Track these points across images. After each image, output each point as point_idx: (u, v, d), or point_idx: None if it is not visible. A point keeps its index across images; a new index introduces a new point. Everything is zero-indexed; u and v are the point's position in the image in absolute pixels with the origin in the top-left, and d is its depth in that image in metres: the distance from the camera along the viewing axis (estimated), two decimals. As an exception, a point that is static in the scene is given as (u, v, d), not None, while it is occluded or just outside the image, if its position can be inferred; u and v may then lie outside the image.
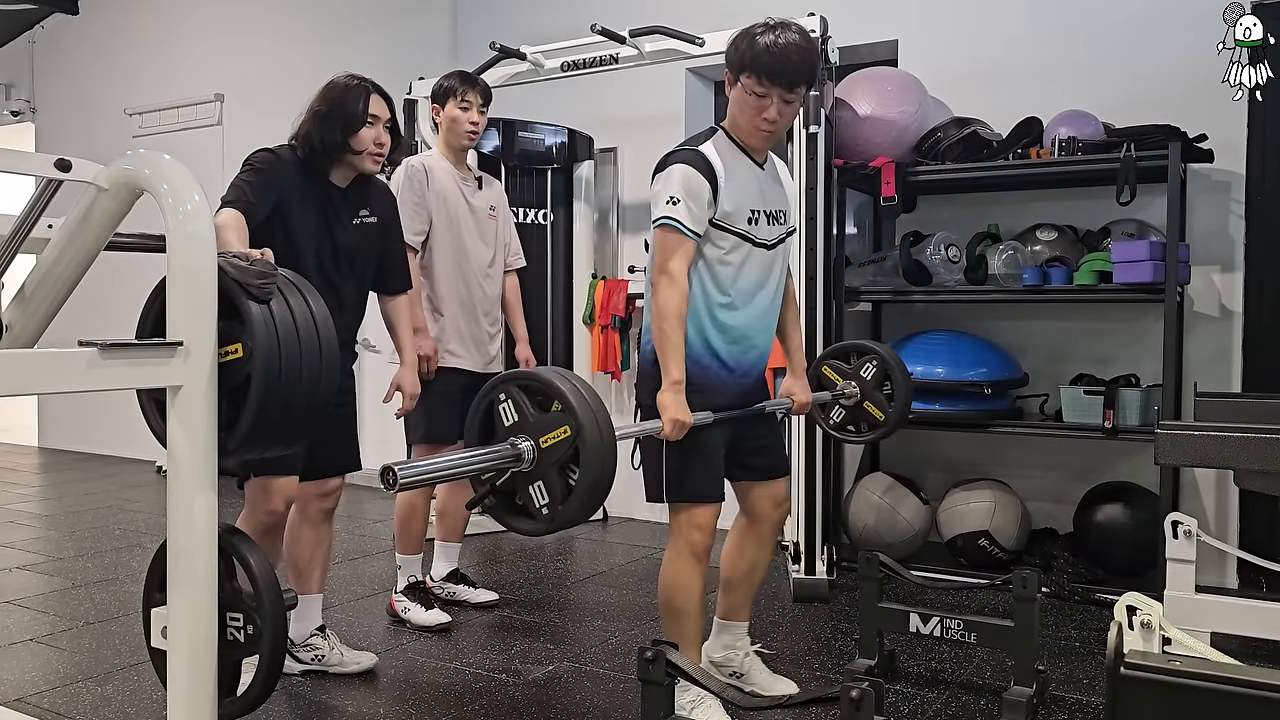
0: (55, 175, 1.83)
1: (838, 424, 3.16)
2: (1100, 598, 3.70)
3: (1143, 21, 4.11)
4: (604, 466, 1.86)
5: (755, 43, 2.42)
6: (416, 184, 3.48)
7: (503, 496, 1.96)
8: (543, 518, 1.90)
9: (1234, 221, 3.98)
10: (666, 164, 2.47)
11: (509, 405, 1.93)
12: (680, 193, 2.40)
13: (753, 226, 2.53)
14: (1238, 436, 2.58)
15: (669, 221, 2.41)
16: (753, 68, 2.41)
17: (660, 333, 2.40)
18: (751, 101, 2.45)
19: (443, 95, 3.58)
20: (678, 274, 2.40)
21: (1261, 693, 1.27)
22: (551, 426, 1.87)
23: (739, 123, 2.52)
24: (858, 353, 3.12)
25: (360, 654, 3.09)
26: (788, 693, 2.81)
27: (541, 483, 1.89)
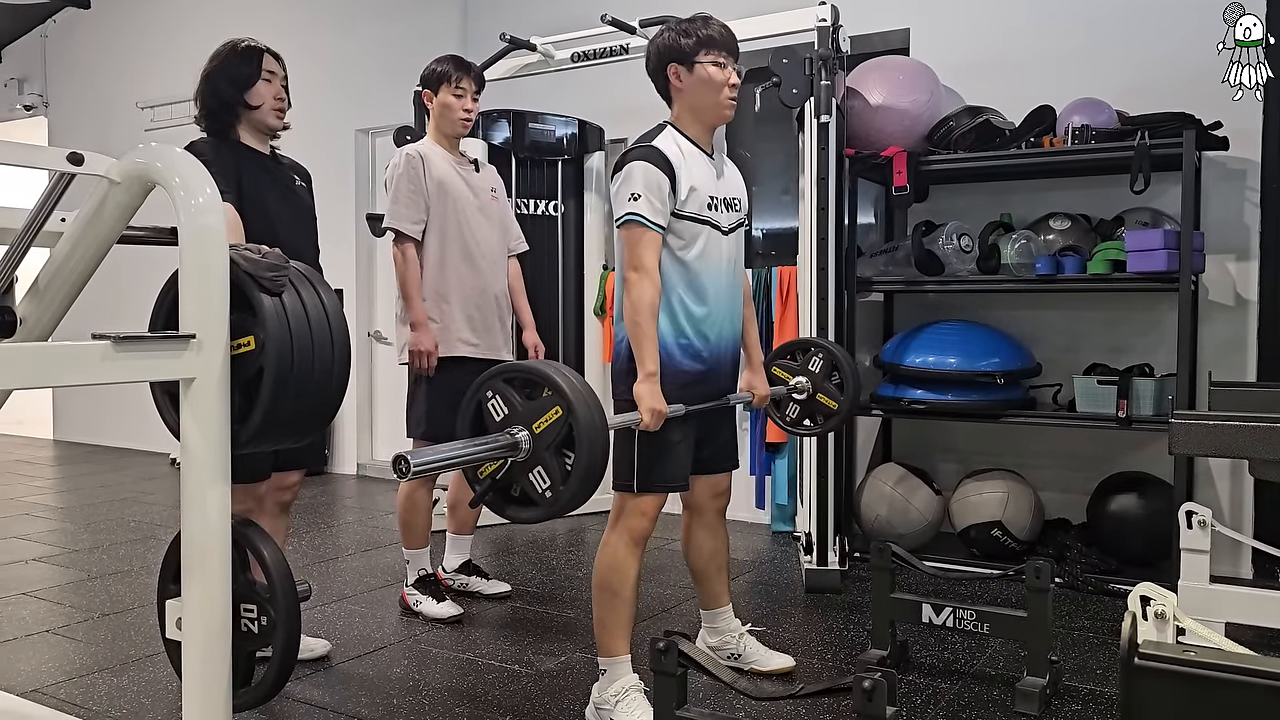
0: (68, 169, 1.84)
1: (794, 420, 3.18)
2: (1114, 588, 3.69)
3: (1156, 9, 4.08)
4: (598, 442, 1.89)
5: (698, 28, 2.59)
6: (414, 172, 3.42)
7: (501, 490, 1.99)
8: (545, 501, 1.92)
9: (1249, 210, 3.95)
10: (624, 163, 2.55)
11: (497, 400, 1.96)
12: (640, 189, 2.48)
13: (712, 213, 2.62)
14: (1252, 426, 2.57)
15: (634, 218, 2.48)
16: (709, 45, 2.57)
17: (634, 325, 2.47)
18: (716, 75, 2.58)
19: (435, 80, 3.52)
20: (649, 268, 2.48)
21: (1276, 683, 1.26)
22: (542, 411, 1.90)
23: (701, 107, 2.62)
24: (802, 349, 3.17)
25: (315, 640, 3.12)
26: (785, 666, 2.94)
27: (540, 468, 1.91)
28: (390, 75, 6.01)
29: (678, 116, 2.65)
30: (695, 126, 2.65)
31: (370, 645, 3.24)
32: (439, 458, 1.83)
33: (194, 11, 7.32)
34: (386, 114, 6.03)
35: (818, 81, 3.78)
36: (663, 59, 2.62)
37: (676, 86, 2.62)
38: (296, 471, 3.03)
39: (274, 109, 2.89)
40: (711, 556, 2.90)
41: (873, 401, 4.28)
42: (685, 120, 2.65)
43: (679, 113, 2.65)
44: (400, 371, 3.60)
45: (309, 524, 5.06)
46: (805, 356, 3.14)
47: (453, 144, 3.58)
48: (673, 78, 2.61)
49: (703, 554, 2.90)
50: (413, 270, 3.40)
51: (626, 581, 2.57)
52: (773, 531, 4.84)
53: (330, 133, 6.28)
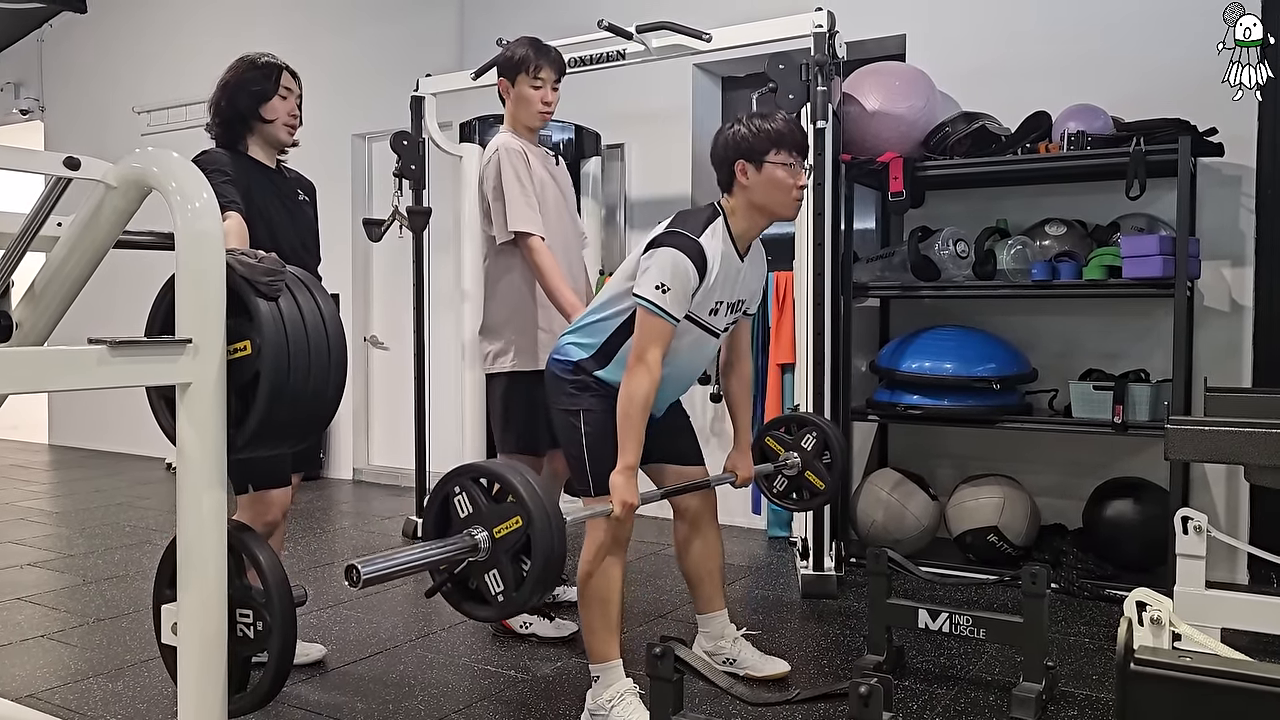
0: (64, 173, 1.84)
1: (781, 493, 3.18)
2: (1110, 593, 3.70)
3: (1152, 15, 4.09)
4: (554, 554, 1.92)
5: (767, 125, 2.54)
6: (519, 167, 3.17)
7: (459, 583, 2.01)
8: (498, 604, 1.96)
9: (1244, 216, 3.96)
10: (665, 244, 2.49)
11: (463, 497, 1.98)
12: (671, 282, 2.45)
13: (712, 317, 2.62)
14: (1248, 431, 2.57)
15: (656, 309, 2.45)
16: (780, 143, 2.53)
17: (626, 416, 2.46)
18: (782, 175, 2.54)
19: (512, 68, 3.26)
20: (653, 363, 2.46)
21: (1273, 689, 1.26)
22: (504, 517, 1.93)
23: (764, 206, 2.57)
24: (798, 424, 3.16)
25: (311, 645, 3.12)
26: (780, 671, 2.94)
27: (496, 571, 1.94)
28: (387, 80, 6.01)
29: (733, 209, 2.60)
30: (747, 221, 2.60)
31: (366, 650, 3.23)
32: (395, 565, 1.83)
33: (190, 16, 7.33)
34: (383, 119, 6.03)
35: (814, 87, 3.78)
36: (729, 152, 2.56)
37: (742, 183, 2.56)
38: (293, 475, 3.03)
39: (286, 125, 2.90)
40: (703, 560, 2.90)
41: (869, 407, 4.28)
42: (740, 214, 2.59)
43: (736, 205, 2.59)
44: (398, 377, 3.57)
45: (305, 529, 5.05)
46: (800, 432, 3.13)
47: (532, 136, 3.34)
48: (739, 173, 2.55)
49: (695, 558, 2.90)
50: (552, 260, 3.13)
51: (611, 586, 2.57)
52: (769, 537, 4.84)
53: (327, 137, 6.28)
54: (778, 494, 3.18)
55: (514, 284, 3.24)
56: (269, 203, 2.86)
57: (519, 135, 3.31)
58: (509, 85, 3.31)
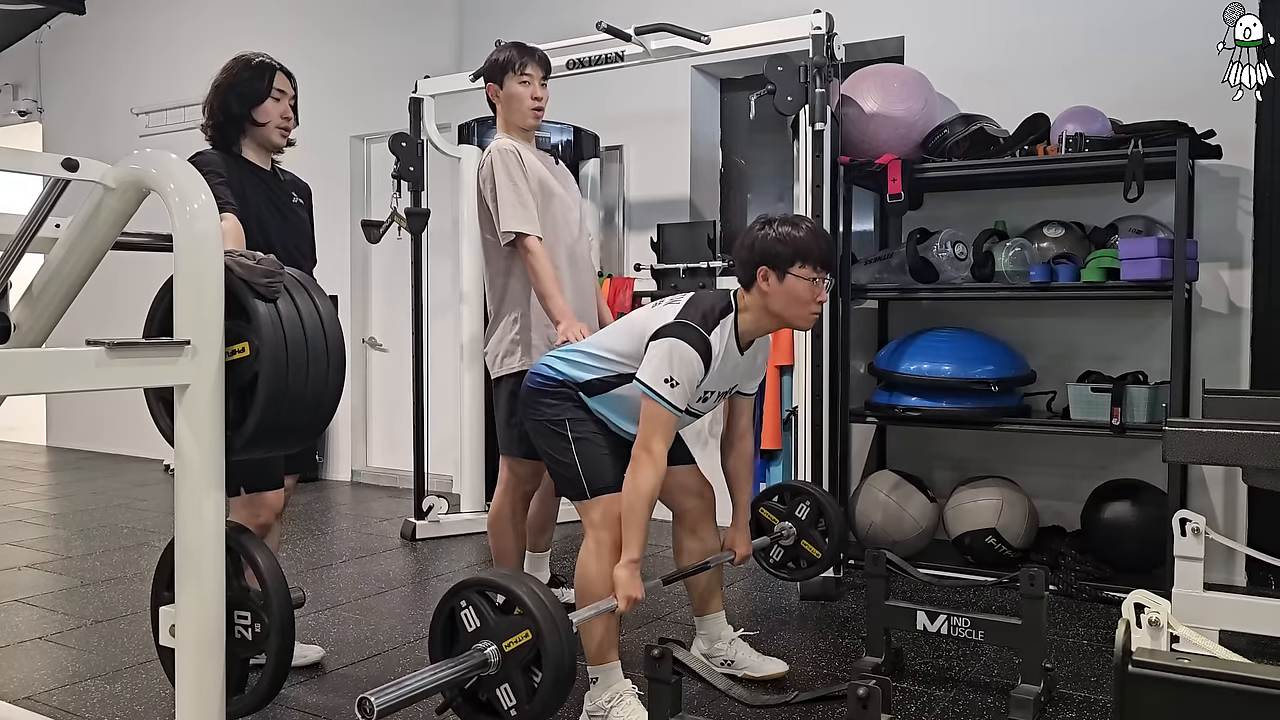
0: (62, 175, 1.84)
1: (777, 563, 3.19)
2: (1108, 595, 3.69)
3: (1150, 17, 4.10)
4: (565, 666, 1.91)
5: (795, 234, 2.53)
6: (513, 167, 3.14)
7: (469, 697, 2.00)
8: (510, 718, 1.94)
9: (1242, 218, 3.96)
10: (677, 336, 2.48)
11: (470, 611, 1.98)
12: (679, 376, 2.45)
13: (699, 404, 2.63)
14: (1246, 433, 2.58)
15: (663, 403, 2.45)
16: (805, 258, 2.52)
17: (630, 510, 2.46)
18: (804, 288, 2.54)
19: (498, 71, 3.28)
20: (658, 456, 2.46)
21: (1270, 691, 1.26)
22: (513, 630, 1.93)
23: (780, 314, 2.57)
24: (791, 493, 3.17)
25: (309, 647, 3.11)
26: (778, 672, 2.94)
27: (507, 685, 1.94)
28: (386, 81, 6.01)
29: (747, 307, 2.59)
30: (758, 323, 2.61)
31: (364, 652, 3.23)
32: (405, 693, 1.81)
33: (189, 18, 7.33)
34: (382, 120, 6.03)
35: (812, 89, 3.79)
36: (755, 256, 2.55)
37: (762, 288, 2.54)
38: (289, 477, 3.03)
39: (279, 127, 2.89)
40: (700, 561, 2.89)
41: (867, 409, 4.28)
42: (753, 313, 2.59)
43: (751, 305, 2.59)
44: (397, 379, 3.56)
45: (303, 530, 5.04)
46: (793, 501, 3.13)
47: (529, 137, 3.33)
48: (760, 279, 2.54)
49: (691, 559, 2.90)
50: (547, 264, 3.10)
51: (607, 588, 2.57)
52: (767, 538, 4.83)
53: (326, 139, 6.28)
54: (775, 565, 3.20)
55: (516, 285, 3.22)
56: (263, 205, 2.85)
57: (514, 137, 3.30)
58: (497, 89, 3.31)
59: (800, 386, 3.93)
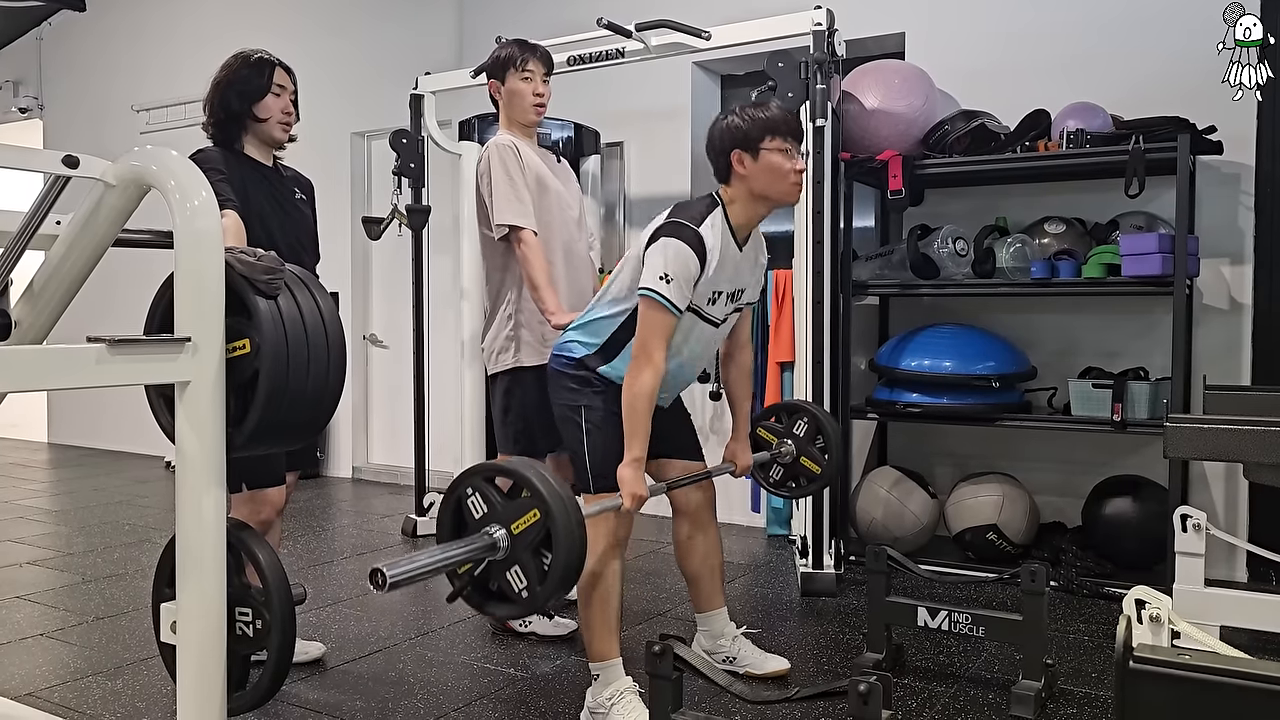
0: (63, 172, 1.84)
1: (778, 482, 3.18)
2: (1109, 591, 3.70)
3: (1151, 13, 4.09)
4: (575, 545, 1.90)
5: (760, 114, 2.56)
6: (510, 163, 3.13)
7: (480, 585, 2.00)
8: (522, 600, 1.94)
9: (1243, 214, 3.96)
10: (667, 235, 2.50)
11: (477, 498, 1.96)
12: (674, 272, 2.45)
13: (710, 307, 2.62)
14: (1247, 430, 2.58)
15: (659, 299, 2.45)
16: (774, 130, 2.54)
17: (631, 410, 2.46)
18: (779, 161, 2.55)
19: (500, 68, 3.27)
20: (656, 356, 2.47)
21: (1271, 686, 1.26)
22: (521, 512, 1.91)
23: (764, 194, 2.58)
24: (788, 412, 3.17)
25: (310, 643, 3.11)
26: (780, 669, 2.94)
27: (517, 568, 1.92)
28: (386, 78, 6.01)
29: (732, 199, 2.60)
30: (748, 211, 2.61)
31: (365, 648, 3.23)
32: (417, 567, 1.82)
33: (189, 14, 7.32)
34: (382, 117, 6.03)
35: (813, 85, 3.78)
36: (725, 142, 2.57)
37: (740, 172, 2.56)
38: (290, 473, 3.03)
39: (281, 123, 2.90)
40: (704, 559, 2.91)
41: (868, 405, 4.28)
42: (739, 203, 2.60)
43: (735, 195, 2.60)
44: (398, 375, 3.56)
45: (304, 527, 5.05)
46: (790, 419, 3.13)
47: (530, 133, 3.33)
48: (736, 164, 2.56)
49: (695, 556, 2.90)
50: (540, 257, 3.09)
51: (610, 584, 2.57)
52: (768, 535, 4.84)
53: (326, 135, 6.28)
54: (775, 483, 3.18)
55: (512, 281, 3.22)
56: (265, 202, 2.86)
57: (515, 134, 3.30)
58: (499, 85, 3.31)
59: (801, 383, 3.93)
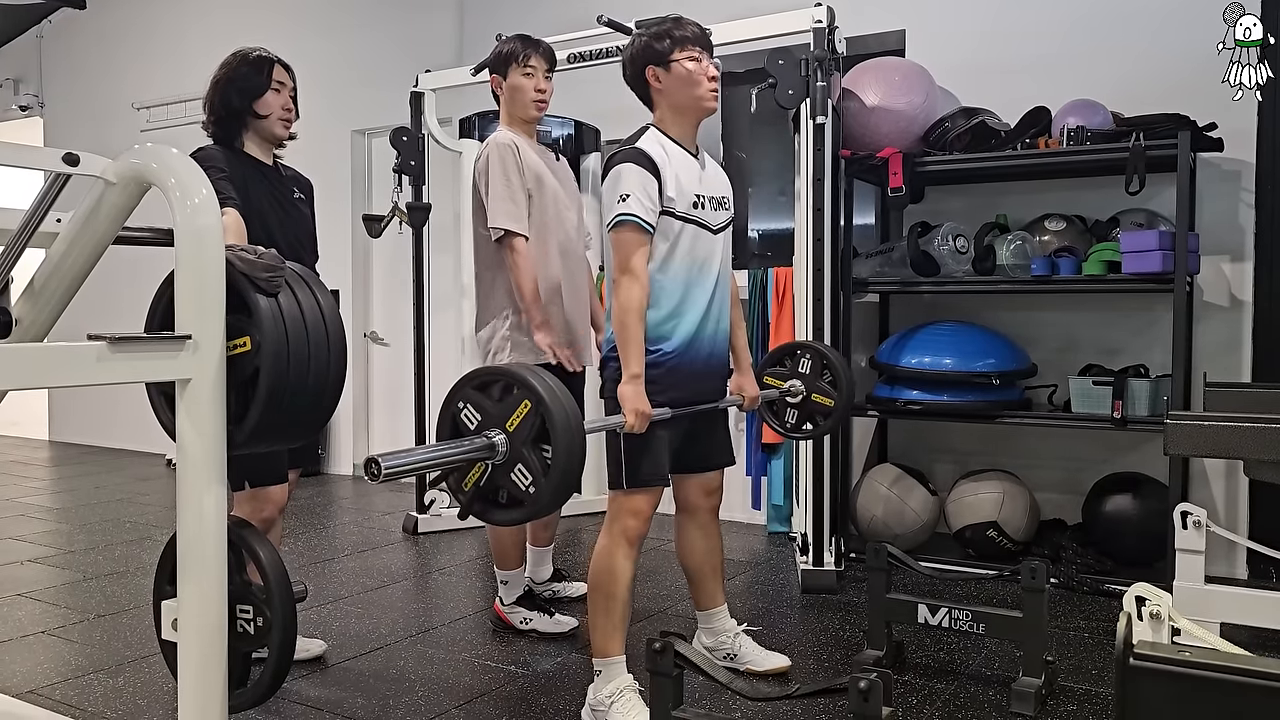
0: (63, 170, 1.84)
1: (794, 425, 3.17)
2: (1109, 588, 3.70)
3: (1151, 10, 4.09)
4: (572, 428, 1.90)
5: (668, 29, 2.64)
6: (509, 163, 3.13)
7: (486, 497, 1.99)
8: (530, 498, 1.92)
9: (1244, 211, 3.96)
10: (611, 165, 2.57)
11: (469, 409, 1.96)
12: (632, 188, 2.50)
13: (699, 211, 2.64)
14: (1247, 427, 2.58)
15: (626, 218, 2.49)
16: (681, 43, 2.62)
17: (622, 327, 2.48)
18: (694, 70, 2.61)
19: (502, 63, 3.27)
20: (639, 270, 2.49)
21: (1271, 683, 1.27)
22: (513, 409, 1.91)
23: (683, 104, 2.64)
24: (789, 354, 3.17)
25: (311, 641, 3.12)
26: (781, 666, 2.93)
27: (520, 465, 1.91)
28: (387, 76, 6.01)
29: (660, 119, 2.68)
30: (678, 126, 2.66)
31: (366, 645, 3.24)
32: (413, 460, 1.82)
33: (190, 12, 7.32)
34: (383, 115, 6.03)
35: (813, 83, 3.78)
36: (638, 63, 2.65)
37: (656, 88, 2.64)
38: (292, 471, 3.04)
39: (281, 119, 2.90)
40: (706, 557, 2.91)
41: (868, 402, 4.28)
42: (668, 121, 2.67)
43: (661, 114, 2.67)
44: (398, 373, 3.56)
45: (305, 525, 5.05)
46: (794, 360, 3.13)
47: (530, 130, 3.33)
48: (651, 80, 2.64)
49: (696, 554, 2.91)
50: (529, 268, 3.11)
51: (621, 583, 2.57)
52: (769, 532, 4.84)
53: (327, 133, 6.28)
54: (792, 427, 3.17)
55: (507, 280, 3.21)
56: (265, 200, 2.86)
57: (516, 131, 3.29)
58: (501, 80, 3.31)
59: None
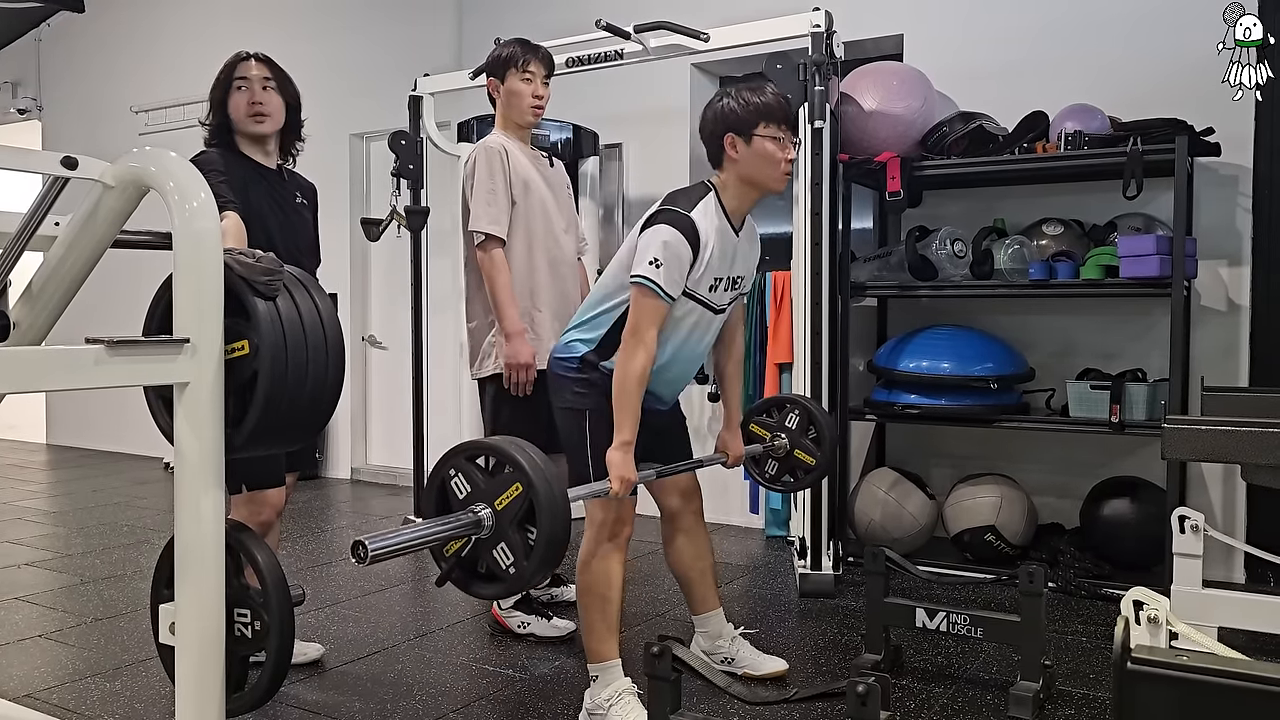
0: (62, 173, 1.83)
1: (774, 476, 3.18)
2: (1107, 593, 3.70)
3: (1149, 14, 4.10)
4: (558, 516, 1.89)
5: (755, 98, 2.54)
6: (495, 167, 3.13)
7: (467, 566, 1.99)
8: (509, 577, 1.93)
9: (1241, 215, 3.97)
10: (658, 221, 2.50)
11: (460, 478, 1.96)
12: (665, 256, 2.44)
13: (711, 294, 2.61)
14: (1245, 431, 2.58)
15: (649, 284, 2.44)
16: (768, 117, 2.53)
17: (622, 393, 2.45)
18: (771, 149, 2.54)
19: (501, 66, 3.25)
20: (648, 339, 2.46)
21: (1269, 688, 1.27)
22: (504, 487, 1.91)
23: (754, 179, 2.57)
24: (778, 406, 3.17)
25: (309, 645, 3.11)
26: (778, 670, 2.93)
27: (503, 544, 1.92)
28: (385, 80, 6.01)
29: (724, 184, 2.60)
30: (738, 197, 2.61)
31: (364, 649, 3.23)
32: (400, 541, 1.81)
33: (189, 16, 7.32)
34: (381, 118, 6.03)
35: (812, 87, 3.79)
36: (718, 126, 2.57)
37: (731, 156, 2.56)
38: (289, 475, 3.03)
39: (248, 114, 2.86)
40: (693, 561, 2.90)
41: (866, 406, 4.29)
42: (730, 188, 2.60)
43: (727, 180, 2.60)
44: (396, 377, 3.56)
45: (303, 529, 5.05)
46: (782, 413, 3.14)
47: (524, 135, 3.31)
48: (728, 146, 2.55)
49: (684, 559, 2.90)
50: (504, 275, 3.11)
51: (611, 585, 2.57)
52: (767, 536, 4.84)
53: (325, 137, 6.25)
54: (771, 478, 3.18)
55: None
56: (265, 203, 2.85)
57: (510, 135, 3.27)
58: (498, 84, 3.29)
59: (799, 384, 3.93)
